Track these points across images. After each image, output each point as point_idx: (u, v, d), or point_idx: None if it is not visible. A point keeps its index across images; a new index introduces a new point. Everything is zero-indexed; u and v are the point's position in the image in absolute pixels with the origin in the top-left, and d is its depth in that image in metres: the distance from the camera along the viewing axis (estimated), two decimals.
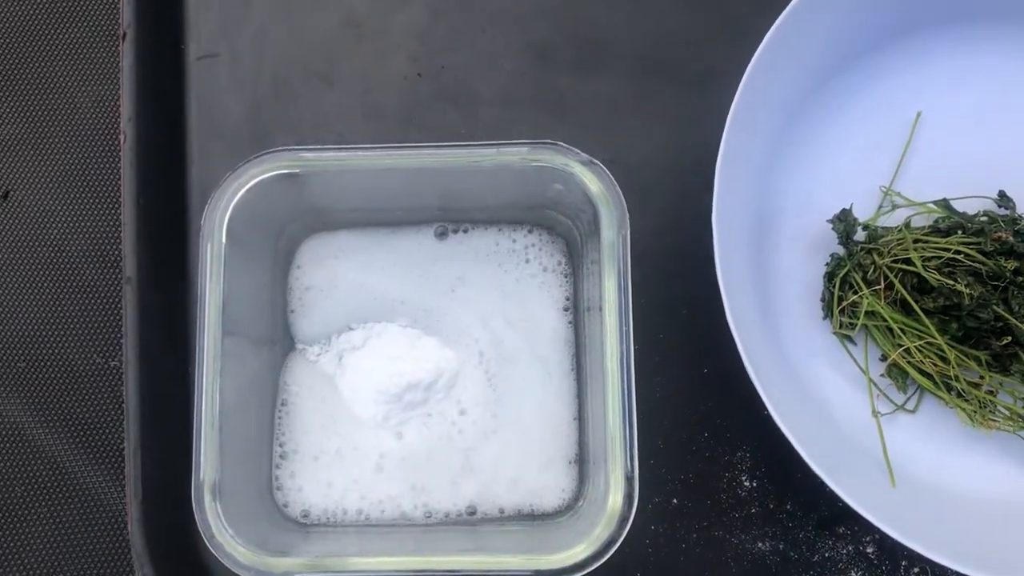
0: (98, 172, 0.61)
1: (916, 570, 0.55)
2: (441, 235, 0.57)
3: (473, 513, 0.54)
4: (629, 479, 0.47)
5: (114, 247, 0.60)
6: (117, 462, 0.58)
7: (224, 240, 0.50)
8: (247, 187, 0.50)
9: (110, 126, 0.62)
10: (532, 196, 0.54)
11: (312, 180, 0.52)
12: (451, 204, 0.56)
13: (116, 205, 0.61)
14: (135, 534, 0.54)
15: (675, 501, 0.56)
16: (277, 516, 0.54)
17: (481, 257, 0.57)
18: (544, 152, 0.50)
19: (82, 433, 0.59)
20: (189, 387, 0.56)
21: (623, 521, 0.47)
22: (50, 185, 0.61)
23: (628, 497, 0.47)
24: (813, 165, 0.57)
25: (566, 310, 0.56)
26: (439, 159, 0.50)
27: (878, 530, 0.49)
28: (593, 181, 0.49)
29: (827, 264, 0.56)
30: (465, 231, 0.57)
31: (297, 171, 0.50)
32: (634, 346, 0.48)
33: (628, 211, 0.49)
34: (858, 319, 0.54)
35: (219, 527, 0.48)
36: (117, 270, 0.60)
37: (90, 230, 0.61)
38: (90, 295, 0.60)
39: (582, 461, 0.55)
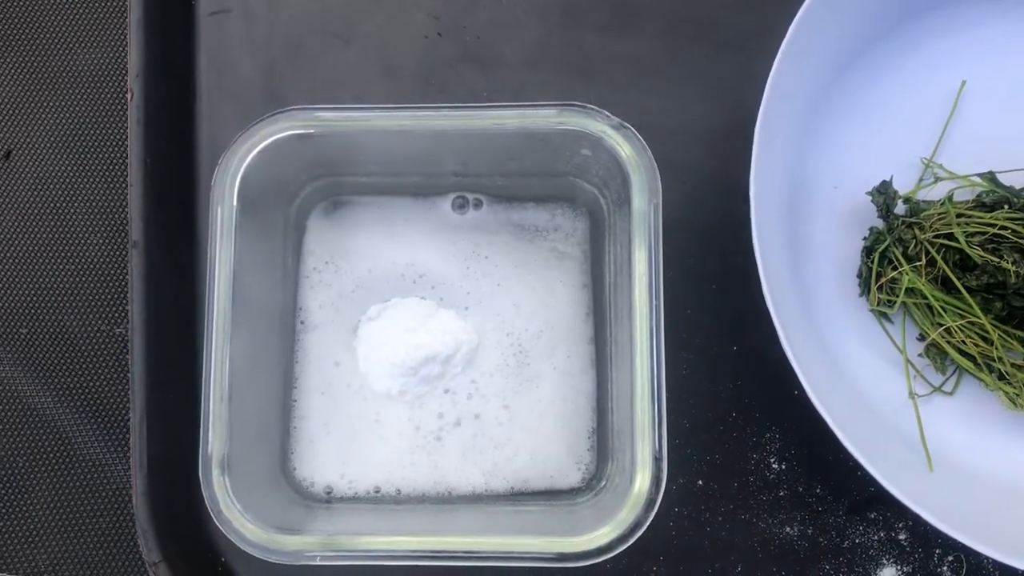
0: (104, 131, 0.59)
1: (950, 558, 0.53)
2: (460, 206, 0.55)
3: (490, 491, 0.52)
4: (657, 459, 0.45)
5: (120, 210, 0.58)
6: (122, 432, 0.56)
7: (236, 203, 0.47)
8: (260, 148, 0.48)
9: (117, 83, 0.59)
10: (557, 163, 0.51)
11: (327, 142, 0.50)
12: (471, 170, 0.53)
13: (122, 166, 0.58)
14: (139, 508, 0.52)
15: (700, 483, 0.54)
16: (288, 492, 0.52)
17: (500, 228, 0.54)
18: (572, 115, 0.47)
19: (86, 402, 0.57)
20: (197, 356, 0.54)
21: (650, 504, 0.45)
22: (54, 145, 0.59)
23: (656, 478, 0.45)
24: (851, 134, 0.54)
25: (587, 285, 0.54)
26: (460, 121, 0.48)
27: (911, 516, 0.47)
28: (624, 146, 0.47)
29: (865, 238, 0.53)
30: (484, 202, 0.55)
31: (312, 131, 0.48)
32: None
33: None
34: (897, 296, 0.51)
35: (227, 503, 0.46)
36: (123, 234, 0.58)
37: (96, 192, 0.58)
38: (95, 259, 0.58)
39: (602, 439, 0.53)
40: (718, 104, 0.56)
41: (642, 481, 0.45)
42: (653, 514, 0.45)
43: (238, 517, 0.46)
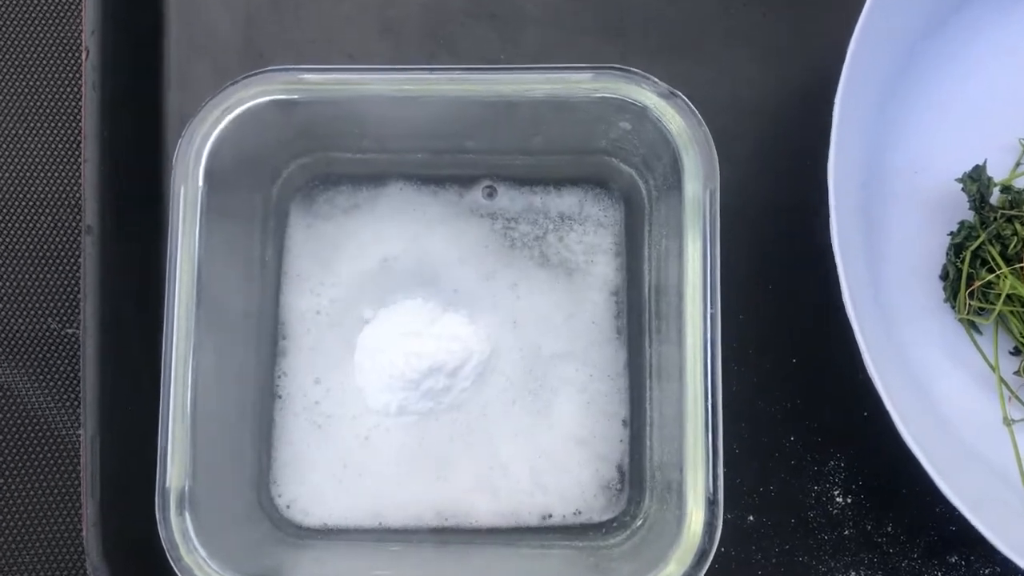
0: (56, 98, 0.50)
1: None
2: (472, 191, 0.46)
3: (505, 526, 0.44)
4: (712, 503, 0.37)
5: (74, 190, 0.50)
6: (74, 451, 0.48)
7: (201, 183, 0.39)
8: (232, 116, 0.40)
9: (69, 41, 0.51)
10: (589, 139, 0.43)
11: (313, 111, 0.42)
12: (485, 148, 0.45)
13: (77, 138, 0.50)
14: (90, 540, 0.44)
15: (751, 519, 0.46)
16: (268, 527, 0.44)
17: (519, 217, 0.46)
18: (612, 79, 0.39)
19: (32, 413, 0.48)
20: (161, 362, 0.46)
21: (702, 556, 0.37)
22: None
23: (710, 526, 0.37)
24: (938, 107, 0.46)
25: (621, 285, 0.46)
26: (473, 86, 0.39)
27: (1000, 560, 0.40)
28: (674, 119, 0.38)
29: (952, 234, 0.45)
30: (501, 186, 0.46)
31: (295, 97, 0.40)
32: None
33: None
34: (991, 303, 0.43)
35: (188, 546, 0.38)
36: (77, 218, 0.49)
37: (46, 169, 0.50)
38: (44, 247, 0.49)
39: (638, 469, 0.44)
40: (777, 72, 0.47)
41: (693, 528, 0.37)
42: (705, 569, 0.37)
43: (202, 564, 0.38)
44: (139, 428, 0.44)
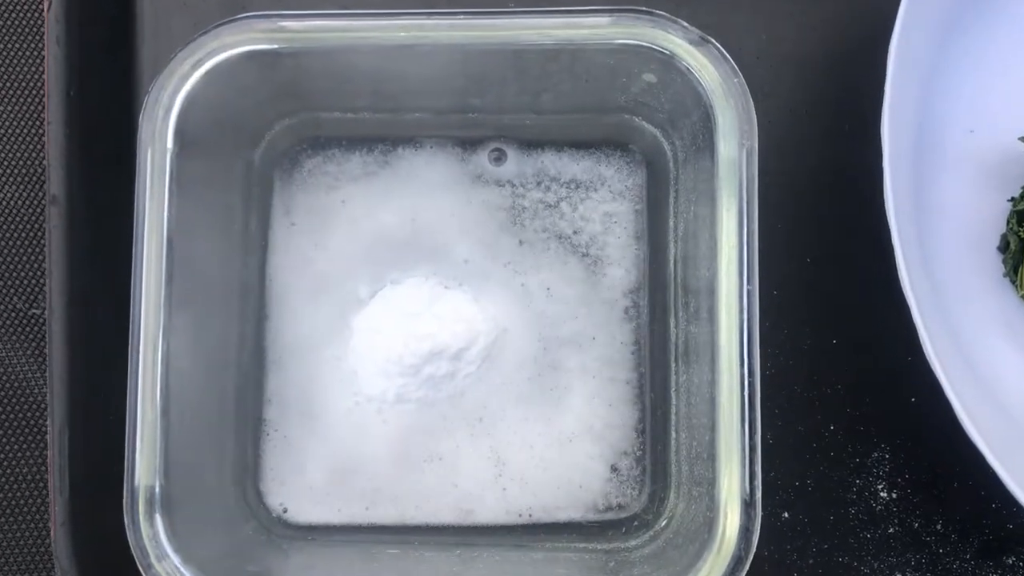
0: (17, 53, 0.46)
1: None
2: (477, 154, 0.42)
3: (514, 523, 0.40)
4: (748, 505, 0.32)
5: (40, 157, 0.45)
6: (41, 444, 0.44)
7: (171, 145, 0.35)
8: (204, 70, 0.35)
9: None
10: (608, 94, 0.39)
11: (299, 63, 0.37)
12: (491, 106, 0.41)
13: (40, 98, 0.45)
14: (59, 541, 0.40)
15: (786, 515, 0.41)
16: (251, 526, 0.40)
17: (529, 183, 0.42)
18: (634, 24, 0.34)
19: None
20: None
21: (737, 564, 0.32)
22: None
23: (746, 531, 0.32)
24: (995, 58, 0.41)
25: (642, 258, 0.41)
26: (479, 33, 0.35)
27: None
28: (706, 68, 0.34)
29: (1013, 200, 0.40)
30: (509, 149, 0.42)
31: (275, 47, 0.35)
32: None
33: None
34: None
35: (159, 552, 0.34)
36: (42, 187, 0.45)
37: (8, 134, 0.46)
38: (7, 219, 0.45)
39: (660, 461, 0.40)
40: (820, 16, 0.42)
41: (727, 533, 0.33)
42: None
43: (176, 572, 0.34)
44: (113, 418, 0.40)
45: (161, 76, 0.35)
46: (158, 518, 0.34)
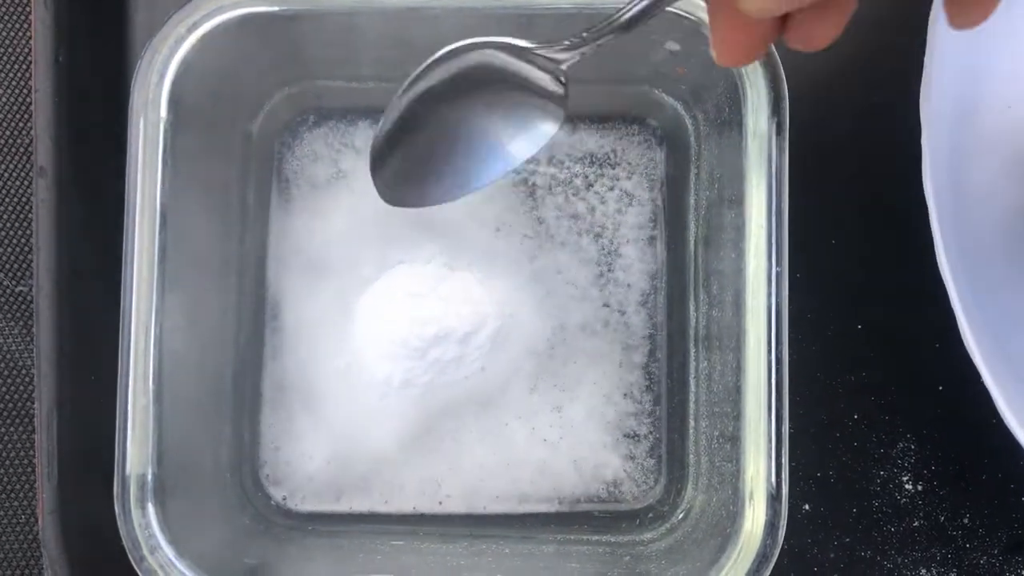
0: (7, 18, 0.44)
1: None
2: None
3: (524, 512, 0.38)
4: (774, 499, 0.31)
5: (27, 127, 0.43)
6: (28, 427, 0.42)
7: (164, 113, 0.33)
8: (200, 33, 0.33)
9: None
10: (626, 64, 0.37)
11: (299, 28, 0.35)
12: None
13: (27, 65, 0.43)
14: (47, 529, 0.38)
15: (807, 507, 0.40)
16: (249, 515, 0.38)
17: (539, 160, 0.40)
18: None
19: None
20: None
21: (762, 562, 0.31)
22: None
23: (771, 526, 0.31)
24: None
25: (658, 239, 0.39)
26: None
27: None
28: None
29: None
30: None
31: (275, 8, 0.33)
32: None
33: None
34: None
35: (151, 543, 0.32)
36: (29, 159, 0.43)
37: None
38: None
39: (675, 450, 0.39)
40: None
41: (751, 527, 0.31)
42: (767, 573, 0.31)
43: (167, 566, 0.32)
44: (104, 401, 0.38)
45: (154, 40, 0.33)
46: (151, 508, 0.32)
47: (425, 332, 0.37)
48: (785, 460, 0.31)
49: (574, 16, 0.33)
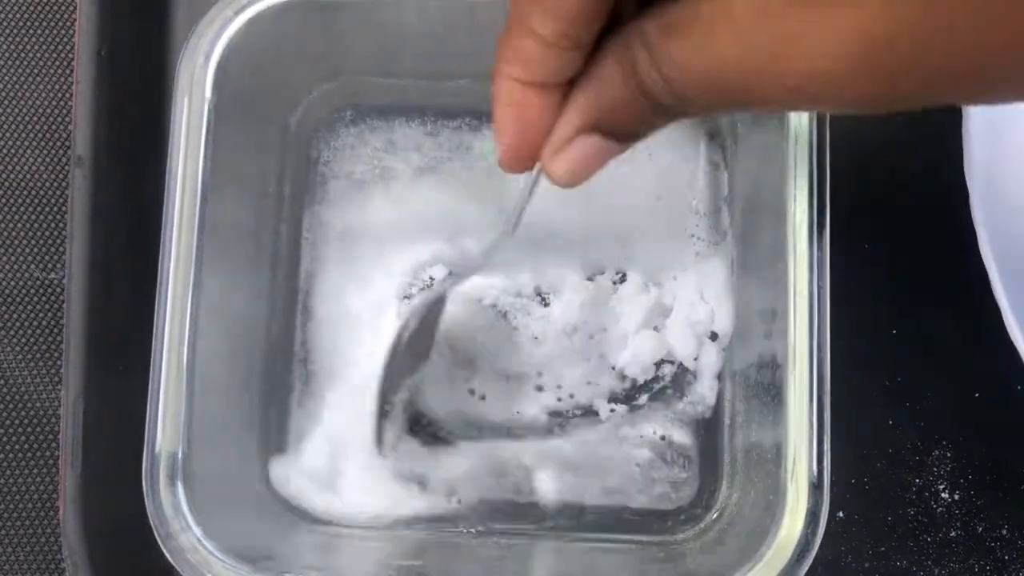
0: (52, 14, 0.44)
1: None
2: None
3: (550, 509, 0.37)
4: (816, 487, 0.30)
5: (66, 122, 0.43)
6: (52, 416, 0.42)
7: (209, 94, 0.33)
8: (246, 17, 0.34)
9: None
10: None
11: (341, 20, 0.36)
12: None
13: (70, 61, 0.44)
14: (67, 519, 0.38)
15: (841, 515, 0.39)
16: (276, 505, 0.37)
17: None
18: None
19: (6, 377, 0.42)
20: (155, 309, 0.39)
21: (803, 554, 0.30)
22: None
23: (813, 515, 0.30)
24: None
25: (694, 236, 0.39)
26: None
27: None
28: None
29: None
30: None
31: None
32: None
33: None
34: None
35: (180, 523, 0.31)
36: (67, 154, 0.43)
37: (36, 98, 0.44)
38: (29, 183, 0.43)
39: (706, 451, 0.38)
40: None
41: (791, 518, 0.30)
42: (806, 569, 0.30)
43: (195, 544, 0.31)
44: (131, 392, 0.38)
45: (201, 22, 0.33)
46: (178, 487, 0.32)
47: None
48: (826, 449, 0.30)
49: None
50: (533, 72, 0.23)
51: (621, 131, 0.23)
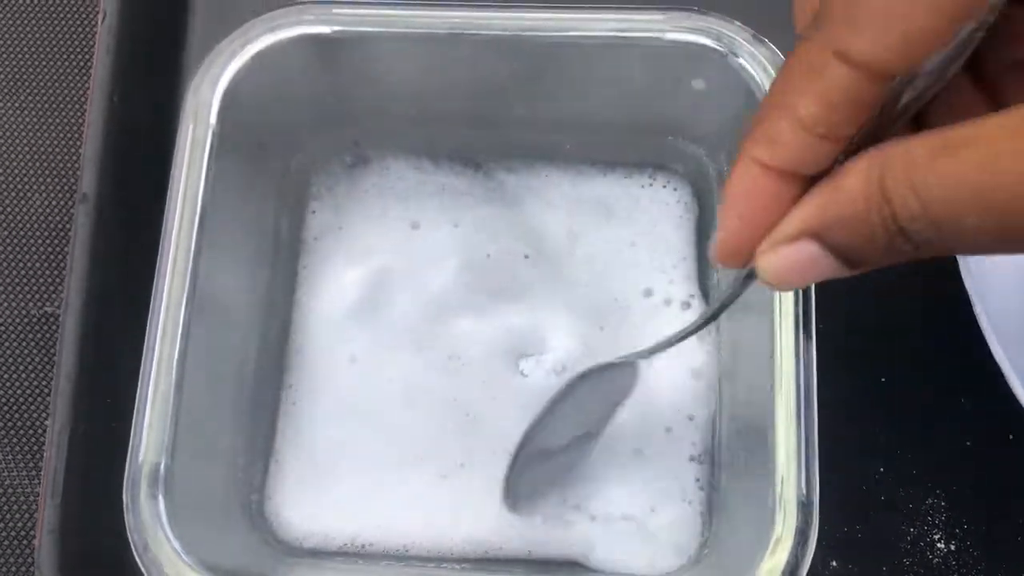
0: (65, 59, 0.46)
1: None
2: (512, 173, 0.41)
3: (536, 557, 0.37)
4: (805, 505, 0.30)
5: (74, 162, 0.45)
6: (37, 446, 0.41)
7: (214, 121, 0.34)
8: (254, 50, 0.35)
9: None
10: (655, 104, 0.38)
11: (346, 62, 0.37)
12: (541, 115, 0.40)
13: (82, 103, 0.45)
14: (43, 550, 0.37)
15: (834, 564, 0.38)
16: (256, 534, 0.36)
17: (556, 210, 0.41)
18: (687, 20, 0.34)
19: None
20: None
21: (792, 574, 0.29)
22: None
23: (802, 535, 0.30)
24: None
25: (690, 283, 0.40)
26: (522, 23, 0.35)
27: None
28: (765, 70, 0.33)
29: None
30: (536, 172, 0.41)
31: (328, 30, 0.35)
32: None
33: None
34: None
35: (158, 535, 0.31)
36: (72, 196, 0.44)
37: (46, 141, 0.45)
38: (35, 222, 0.44)
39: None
40: None
41: (779, 537, 0.30)
42: None
43: (170, 556, 0.30)
44: (116, 425, 0.37)
45: (210, 55, 0.35)
46: (159, 499, 0.31)
47: None
48: (815, 466, 0.30)
49: (603, 51, 0.35)
50: (778, 155, 0.22)
51: (843, 248, 0.21)
